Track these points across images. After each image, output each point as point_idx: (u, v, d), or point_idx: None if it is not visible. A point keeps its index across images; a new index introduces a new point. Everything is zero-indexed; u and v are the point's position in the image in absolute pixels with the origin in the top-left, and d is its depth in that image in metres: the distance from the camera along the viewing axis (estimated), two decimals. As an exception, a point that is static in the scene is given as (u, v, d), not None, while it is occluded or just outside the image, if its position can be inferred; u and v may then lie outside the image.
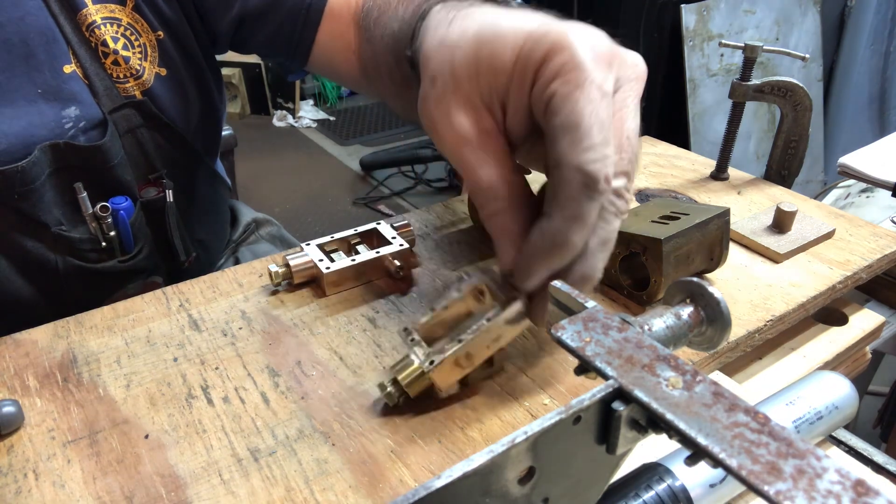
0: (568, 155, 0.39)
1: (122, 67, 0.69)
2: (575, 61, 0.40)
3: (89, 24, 0.67)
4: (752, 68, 0.74)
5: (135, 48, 0.69)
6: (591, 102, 0.39)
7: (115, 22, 0.68)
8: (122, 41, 0.68)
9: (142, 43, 0.69)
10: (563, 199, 0.40)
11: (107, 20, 0.67)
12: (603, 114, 0.39)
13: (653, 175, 0.81)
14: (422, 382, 0.47)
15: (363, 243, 0.65)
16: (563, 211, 0.40)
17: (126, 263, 0.71)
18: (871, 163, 1.17)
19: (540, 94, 0.41)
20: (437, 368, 0.46)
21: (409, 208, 3.00)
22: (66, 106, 0.66)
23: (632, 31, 1.91)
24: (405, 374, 0.47)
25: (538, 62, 0.41)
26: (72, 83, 0.66)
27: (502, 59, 0.43)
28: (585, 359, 0.30)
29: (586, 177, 0.39)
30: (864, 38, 2.51)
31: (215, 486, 0.44)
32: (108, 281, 0.71)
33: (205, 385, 0.52)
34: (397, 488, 0.43)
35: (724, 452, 0.25)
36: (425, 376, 0.47)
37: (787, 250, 0.65)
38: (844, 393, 0.52)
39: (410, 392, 0.47)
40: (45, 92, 0.65)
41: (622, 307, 0.60)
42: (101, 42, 0.67)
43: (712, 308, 0.38)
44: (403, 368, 0.48)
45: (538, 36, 0.41)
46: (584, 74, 0.39)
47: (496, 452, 0.26)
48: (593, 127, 0.39)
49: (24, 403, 0.50)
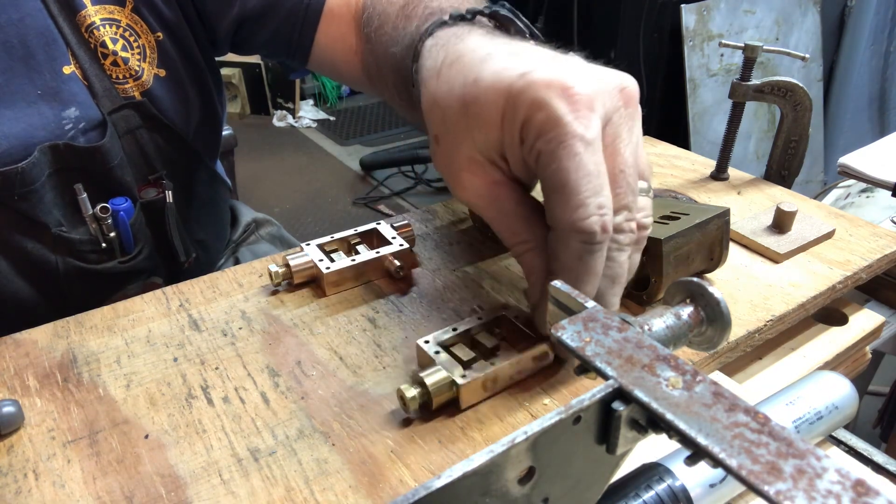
0: (560, 217, 0.40)
1: (122, 68, 0.69)
2: (554, 118, 0.40)
3: (88, 24, 0.67)
4: (752, 68, 0.74)
5: (134, 49, 0.69)
6: (574, 157, 0.39)
7: (114, 23, 0.68)
8: (122, 42, 0.68)
9: (141, 44, 0.70)
10: (564, 261, 0.41)
11: (106, 21, 0.67)
12: (590, 164, 0.40)
13: (653, 175, 0.81)
14: (448, 393, 0.47)
15: (363, 243, 0.65)
16: (569, 273, 0.41)
17: (126, 264, 0.71)
18: (871, 163, 1.17)
19: (528, 152, 0.42)
20: (469, 384, 0.47)
21: (409, 208, 3.00)
22: (66, 107, 0.66)
23: (632, 31, 1.91)
24: (435, 382, 0.47)
25: (521, 122, 0.41)
26: (71, 84, 0.66)
27: (489, 119, 0.43)
28: (585, 359, 0.30)
29: (582, 234, 0.40)
30: (864, 38, 2.51)
31: (215, 486, 0.44)
32: (108, 282, 0.71)
33: (205, 385, 0.52)
34: (397, 488, 0.43)
35: (724, 452, 0.25)
36: (455, 387, 0.47)
37: (787, 250, 0.65)
38: (844, 393, 0.52)
39: (435, 401, 0.47)
40: (45, 93, 0.65)
41: (622, 307, 0.60)
42: (101, 43, 0.67)
43: (712, 308, 0.38)
44: (432, 374, 0.47)
45: (517, 93, 0.41)
46: (564, 130, 0.39)
47: (496, 452, 0.26)
48: (580, 182, 0.39)
49: (24, 403, 0.50)
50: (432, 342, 0.50)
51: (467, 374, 0.47)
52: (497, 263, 0.66)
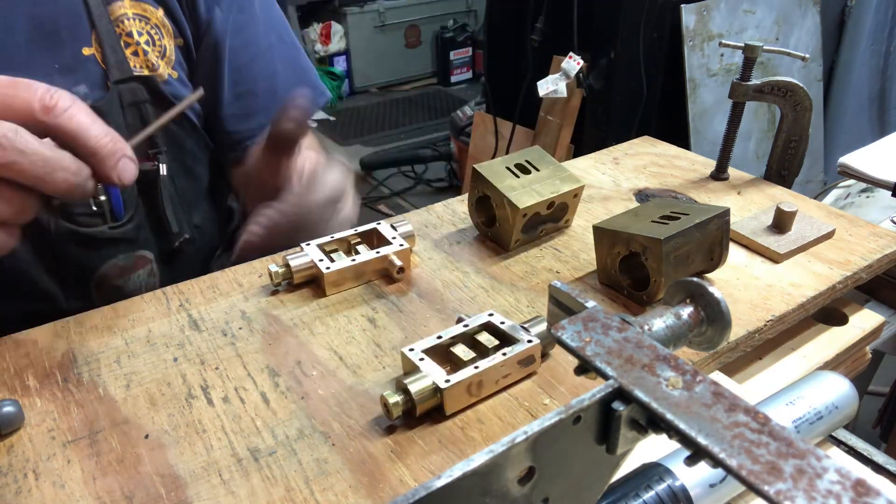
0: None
1: (140, 59, 0.72)
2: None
3: (119, 14, 0.70)
4: (752, 68, 0.74)
5: (156, 46, 0.72)
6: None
7: (144, 20, 0.71)
8: (146, 37, 0.71)
9: (163, 45, 0.73)
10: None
11: (137, 16, 0.70)
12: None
13: (653, 175, 0.81)
14: (432, 400, 0.47)
15: (363, 243, 0.65)
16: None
17: (116, 230, 0.72)
18: (871, 163, 1.17)
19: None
20: (451, 388, 0.47)
21: (409, 208, 3.00)
22: (77, 84, 0.68)
23: (632, 31, 1.90)
24: (418, 388, 0.47)
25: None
26: (88, 65, 0.69)
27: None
28: (585, 359, 0.30)
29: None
30: (864, 38, 2.51)
31: (215, 486, 0.44)
32: (98, 246, 0.72)
33: (205, 385, 0.52)
34: (397, 488, 0.43)
35: (724, 452, 0.25)
36: (438, 393, 0.47)
37: (787, 250, 0.65)
38: (844, 393, 0.52)
39: (419, 407, 0.47)
40: (62, 68, 0.67)
41: (622, 307, 0.60)
42: (127, 32, 0.71)
43: (712, 308, 0.38)
44: (415, 381, 0.47)
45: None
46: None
47: (496, 452, 0.26)
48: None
49: (24, 403, 0.50)
50: (417, 349, 0.50)
51: (451, 378, 0.47)
52: (497, 263, 0.66)
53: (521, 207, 0.63)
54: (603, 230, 0.60)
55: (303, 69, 0.85)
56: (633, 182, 0.80)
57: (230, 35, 0.77)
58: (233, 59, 0.78)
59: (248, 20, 0.79)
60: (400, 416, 0.47)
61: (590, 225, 0.66)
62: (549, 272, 0.64)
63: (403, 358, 0.50)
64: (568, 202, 0.68)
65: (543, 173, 0.67)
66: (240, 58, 0.78)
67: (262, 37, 0.80)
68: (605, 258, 0.61)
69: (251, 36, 0.79)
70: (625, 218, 0.62)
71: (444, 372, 0.48)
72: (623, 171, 0.82)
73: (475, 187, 0.67)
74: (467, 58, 4.44)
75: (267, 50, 0.80)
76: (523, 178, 0.66)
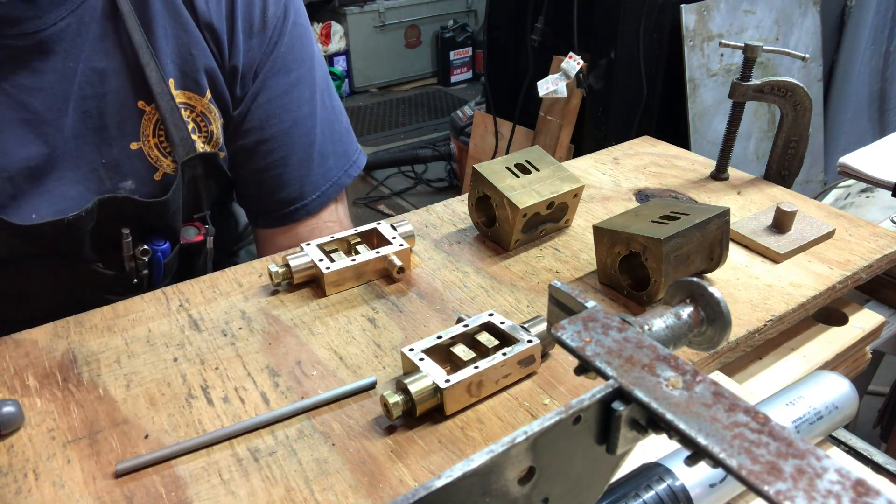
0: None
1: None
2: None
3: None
4: (752, 68, 0.74)
5: (202, 133, 0.72)
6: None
7: (190, 108, 0.71)
8: (192, 125, 0.71)
9: (210, 130, 0.72)
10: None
11: (182, 104, 0.70)
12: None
13: (653, 175, 0.81)
14: (432, 399, 0.47)
15: (363, 243, 0.65)
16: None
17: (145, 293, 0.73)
18: (871, 163, 1.17)
19: None
20: (451, 388, 0.47)
21: (409, 208, 3.00)
22: (125, 179, 0.69)
23: (632, 31, 1.90)
24: (418, 388, 0.47)
25: None
26: (135, 160, 0.69)
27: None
28: (585, 359, 0.30)
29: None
30: (864, 38, 2.51)
31: (215, 486, 0.44)
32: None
33: (205, 385, 0.52)
34: (397, 488, 0.43)
35: (724, 452, 0.25)
36: (438, 393, 0.47)
37: (787, 250, 0.65)
38: (844, 393, 0.52)
39: (420, 407, 0.47)
40: (109, 163, 0.68)
41: (622, 307, 0.60)
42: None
43: (712, 308, 0.38)
44: (415, 381, 0.47)
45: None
46: None
47: (496, 452, 0.26)
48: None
49: (24, 403, 0.50)
50: (417, 349, 0.50)
51: (451, 378, 0.47)
52: (497, 263, 0.66)
53: (521, 207, 0.63)
54: (603, 230, 0.60)
55: (339, 135, 0.81)
56: (633, 182, 0.80)
57: (274, 99, 0.75)
58: (272, 126, 0.75)
59: (293, 83, 0.76)
60: (400, 416, 0.47)
61: (590, 225, 0.66)
62: (549, 272, 0.64)
63: (403, 358, 0.50)
64: (568, 202, 0.68)
65: (543, 173, 0.67)
66: (281, 123, 0.76)
67: (306, 102, 0.77)
68: (605, 258, 0.61)
69: (294, 100, 0.76)
70: (625, 218, 0.62)
71: (444, 372, 0.48)
72: (623, 171, 0.82)
73: (475, 187, 0.67)
74: (467, 58, 4.44)
75: (309, 116, 0.77)
76: (523, 178, 0.66)
